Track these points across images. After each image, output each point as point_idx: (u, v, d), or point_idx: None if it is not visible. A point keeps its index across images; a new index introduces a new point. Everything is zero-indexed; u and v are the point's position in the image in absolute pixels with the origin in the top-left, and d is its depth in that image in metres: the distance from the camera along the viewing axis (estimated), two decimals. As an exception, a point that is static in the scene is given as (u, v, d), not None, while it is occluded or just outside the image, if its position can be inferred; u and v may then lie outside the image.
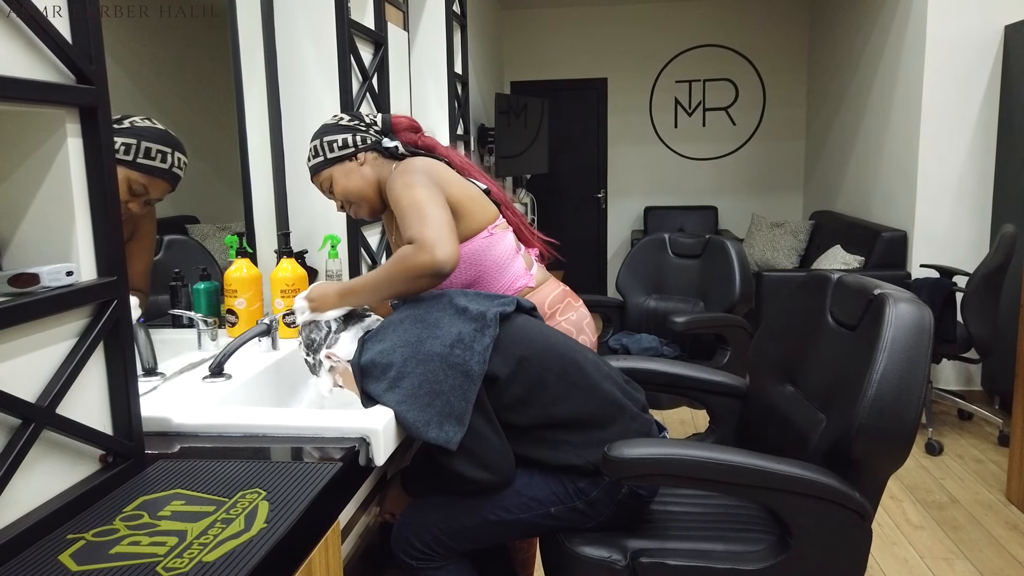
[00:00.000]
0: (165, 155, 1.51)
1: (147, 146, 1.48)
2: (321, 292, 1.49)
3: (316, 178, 1.71)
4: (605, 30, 6.35)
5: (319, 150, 1.68)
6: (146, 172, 1.49)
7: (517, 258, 1.73)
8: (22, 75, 0.89)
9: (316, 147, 1.68)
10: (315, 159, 1.68)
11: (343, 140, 1.67)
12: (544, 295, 1.75)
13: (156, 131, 1.52)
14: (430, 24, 3.39)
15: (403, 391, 1.28)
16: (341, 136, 1.67)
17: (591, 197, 6.62)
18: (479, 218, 1.66)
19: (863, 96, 4.84)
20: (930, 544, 2.57)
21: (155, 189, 1.52)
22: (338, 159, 1.67)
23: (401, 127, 1.74)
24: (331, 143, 1.66)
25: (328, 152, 1.67)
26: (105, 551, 0.87)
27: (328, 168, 1.67)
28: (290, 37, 2.09)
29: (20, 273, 0.90)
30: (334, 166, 1.67)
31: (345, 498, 1.14)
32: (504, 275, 1.70)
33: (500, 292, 1.68)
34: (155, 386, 1.45)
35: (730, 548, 1.41)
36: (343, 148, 1.66)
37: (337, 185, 1.67)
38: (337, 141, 1.66)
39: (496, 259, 1.69)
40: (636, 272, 3.56)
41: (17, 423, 0.89)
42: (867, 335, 1.38)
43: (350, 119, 1.70)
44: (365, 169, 1.68)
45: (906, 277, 3.92)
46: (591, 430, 1.39)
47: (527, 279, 1.73)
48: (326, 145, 1.67)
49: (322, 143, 1.67)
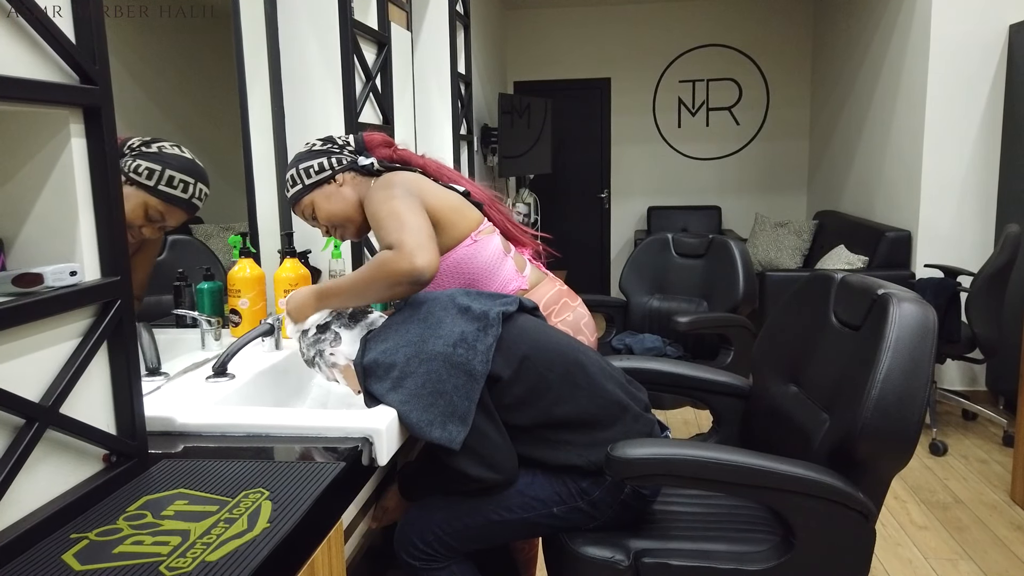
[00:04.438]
0: (187, 185, 1.49)
1: (171, 174, 1.46)
2: (297, 302, 1.47)
3: (297, 206, 1.68)
4: (608, 30, 6.34)
5: (296, 179, 1.66)
6: (166, 200, 1.47)
7: (506, 261, 1.70)
8: (26, 75, 0.89)
9: (293, 176, 1.67)
10: (293, 188, 1.67)
11: (319, 164, 1.65)
12: (539, 296, 1.73)
13: (183, 160, 1.49)
14: (433, 24, 3.39)
15: (406, 391, 1.28)
16: (316, 161, 1.65)
17: (594, 197, 6.62)
18: (461, 226, 1.65)
19: (867, 96, 4.83)
20: (934, 545, 2.57)
21: (172, 217, 1.50)
22: (316, 184, 1.65)
23: (375, 143, 1.72)
24: (307, 169, 1.65)
25: (305, 178, 1.65)
26: (108, 550, 0.87)
27: (308, 194, 1.66)
28: (293, 37, 2.09)
29: (24, 273, 0.90)
30: (313, 191, 1.65)
31: (348, 498, 1.14)
32: (494, 280, 1.68)
33: None
34: (158, 386, 1.45)
35: (733, 548, 1.41)
36: (319, 172, 1.65)
37: (320, 210, 1.65)
38: (313, 166, 1.65)
39: (483, 265, 1.66)
40: (639, 272, 3.55)
41: (21, 423, 0.89)
42: (871, 335, 1.38)
43: (322, 143, 1.69)
44: (345, 190, 1.65)
45: (910, 277, 3.91)
46: (594, 430, 1.39)
47: (519, 281, 1.71)
48: (302, 172, 1.65)
49: (298, 171, 1.66)
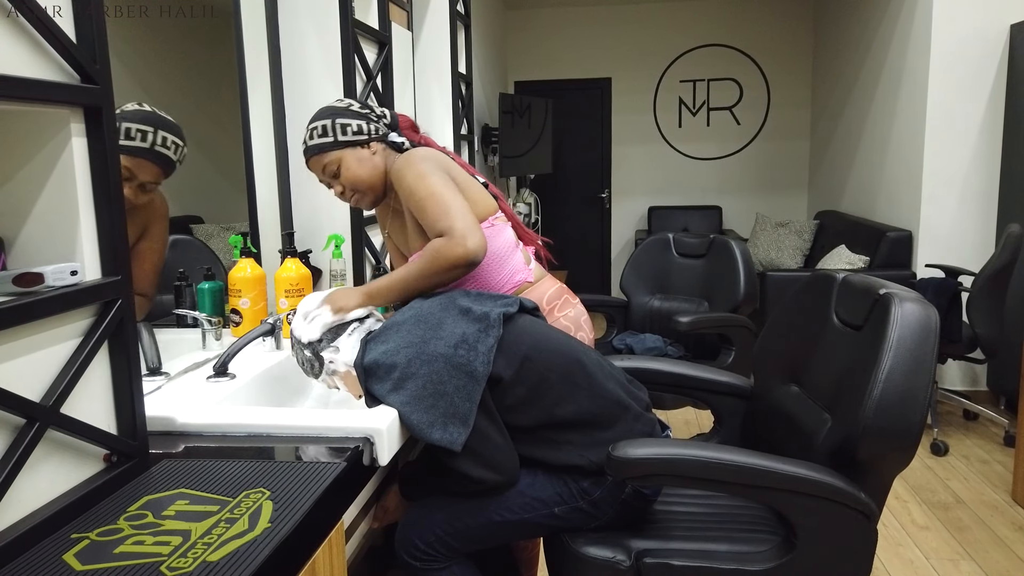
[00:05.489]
0: (145, 134, 1.46)
1: (127, 126, 1.44)
2: (342, 293, 1.47)
3: (319, 159, 1.64)
4: (609, 30, 6.34)
5: (329, 130, 1.62)
6: (127, 153, 1.44)
7: (516, 252, 1.73)
8: (27, 75, 0.89)
9: (325, 127, 1.62)
10: (321, 139, 1.62)
11: (358, 126, 1.63)
12: (542, 291, 1.75)
13: (140, 112, 1.47)
14: (434, 24, 3.39)
15: (407, 392, 1.28)
16: (356, 121, 1.63)
17: (595, 197, 6.61)
18: (481, 207, 1.66)
19: (868, 96, 4.82)
20: (936, 545, 2.56)
21: (143, 172, 1.47)
22: (350, 143, 1.63)
23: (404, 125, 1.75)
24: (344, 126, 1.62)
25: (340, 134, 1.62)
26: (109, 550, 0.87)
27: (338, 151, 1.62)
28: (294, 37, 2.09)
29: (24, 272, 0.90)
30: (345, 150, 1.63)
31: (349, 498, 1.14)
32: (504, 268, 1.69)
33: (499, 285, 1.68)
34: (159, 386, 1.45)
35: (735, 548, 1.40)
36: (357, 133, 1.63)
37: (348, 171, 1.63)
38: (351, 126, 1.63)
39: (496, 251, 1.68)
40: (640, 272, 3.55)
41: (22, 422, 0.89)
42: (872, 335, 1.38)
43: (361, 107, 1.67)
44: (376, 159, 1.65)
45: (911, 277, 3.91)
46: (595, 430, 1.39)
47: (526, 273, 1.73)
48: (338, 127, 1.62)
49: (334, 123, 1.62)
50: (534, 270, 1.76)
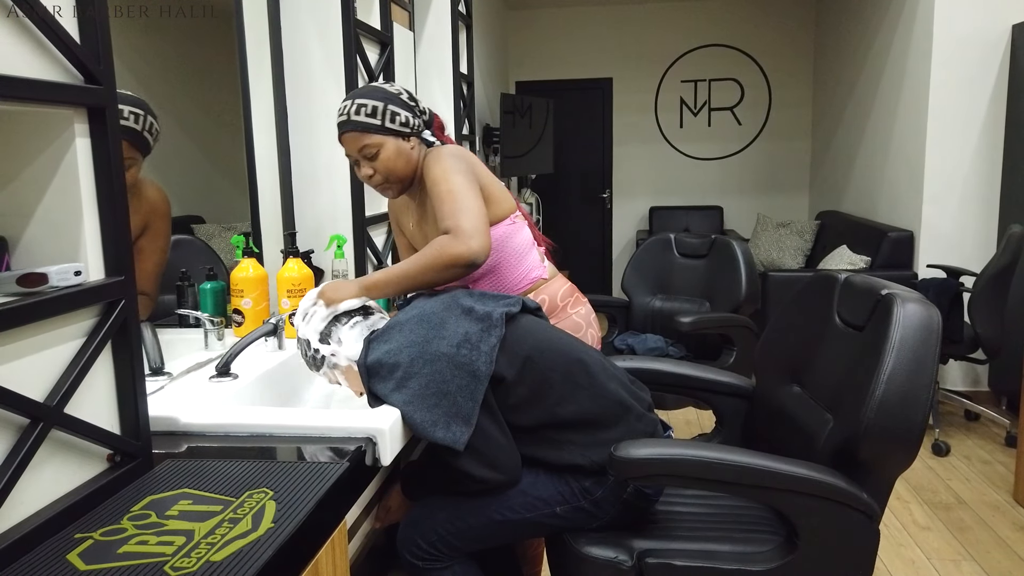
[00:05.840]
0: (138, 117, 1.45)
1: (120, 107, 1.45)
2: (336, 287, 1.47)
3: (361, 137, 1.61)
4: (610, 30, 6.34)
5: (380, 114, 1.61)
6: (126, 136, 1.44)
7: (533, 250, 1.79)
8: (31, 75, 0.89)
9: (377, 109, 1.61)
10: (370, 119, 1.60)
11: (406, 117, 1.64)
12: (555, 288, 1.80)
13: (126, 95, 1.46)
14: (436, 24, 3.39)
15: (410, 391, 1.28)
16: (405, 113, 1.64)
17: (596, 197, 6.61)
18: (504, 206, 1.72)
19: (869, 96, 4.82)
20: (937, 545, 2.56)
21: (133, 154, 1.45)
22: (395, 132, 1.63)
23: (436, 126, 1.79)
24: (395, 114, 1.62)
25: (389, 121, 1.62)
26: (113, 550, 0.87)
27: (382, 136, 1.62)
28: (296, 37, 2.10)
29: (28, 273, 0.90)
30: (389, 137, 1.63)
31: (352, 498, 1.14)
32: (521, 264, 1.75)
33: (517, 280, 1.74)
34: (162, 386, 1.45)
35: (737, 549, 1.41)
36: (403, 125, 1.64)
37: (387, 159, 1.63)
38: (401, 116, 1.63)
39: (516, 248, 1.74)
40: (642, 272, 3.55)
41: (25, 423, 0.89)
42: (874, 335, 1.38)
43: (409, 98, 1.68)
44: (413, 153, 1.67)
45: (913, 277, 3.91)
46: (596, 430, 1.39)
47: (541, 271, 1.79)
48: (389, 113, 1.62)
49: (386, 108, 1.61)
50: (548, 268, 1.83)
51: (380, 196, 2.41)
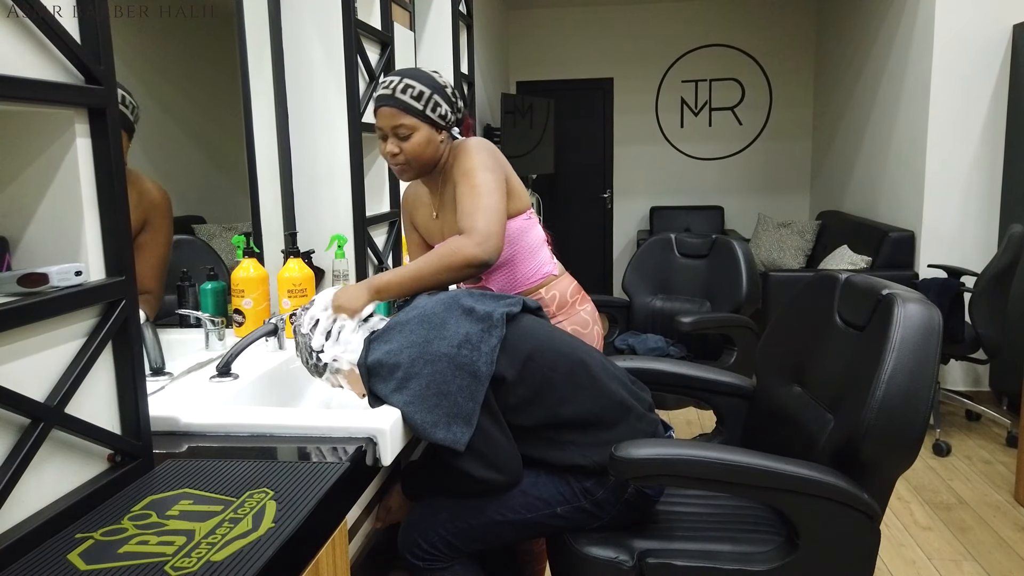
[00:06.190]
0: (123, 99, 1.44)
1: None
2: (348, 294, 1.45)
3: (399, 115, 1.63)
4: (611, 30, 6.34)
5: (424, 99, 1.63)
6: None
7: (544, 246, 1.84)
8: (31, 75, 0.89)
9: (423, 94, 1.63)
10: (414, 101, 1.63)
11: (446, 111, 1.68)
12: (565, 285, 1.85)
13: None
14: (436, 24, 3.39)
15: (411, 392, 1.28)
16: (446, 106, 1.68)
17: (597, 197, 6.61)
18: (523, 201, 1.77)
19: (870, 96, 4.82)
20: (938, 545, 2.56)
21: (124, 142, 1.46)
22: (431, 122, 1.66)
23: (465, 124, 1.82)
24: (437, 105, 1.65)
25: (430, 110, 1.64)
26: (113, 550, 0.87)
27: (419, 121, 1.64)
28: (297, 37, 2.09)
29: (29, 273, 0.90)
30: (425, 124, 1.65)
31: (352, 498, 1.14)
32: (535, 258, 1.80)
33: (531, 274, 1.80)
34: (163, 386, 1.45)
35: (737, 549, 1.40)
36: (442, 118, 1.67)
37: (417, 144, 1.65)
38: (442, 108, 1.66)
39: (531, 242, 1.79)
40: (642, 272, 3.55)
41: (26, 422, 0.89)
42: (875, 335, 1.38)
43: (452, 93, 1.71)
44: (442, 145, 1.71)
45: (913, 277, 3.90)
46: (597, 430, 1.39)
47: (552, 267, 1.84)
48: (432, 102, 1.64)
49: (431, 97, 1.64)
50: (557, 265, 1.88)
51: (380, 196, 2.41)
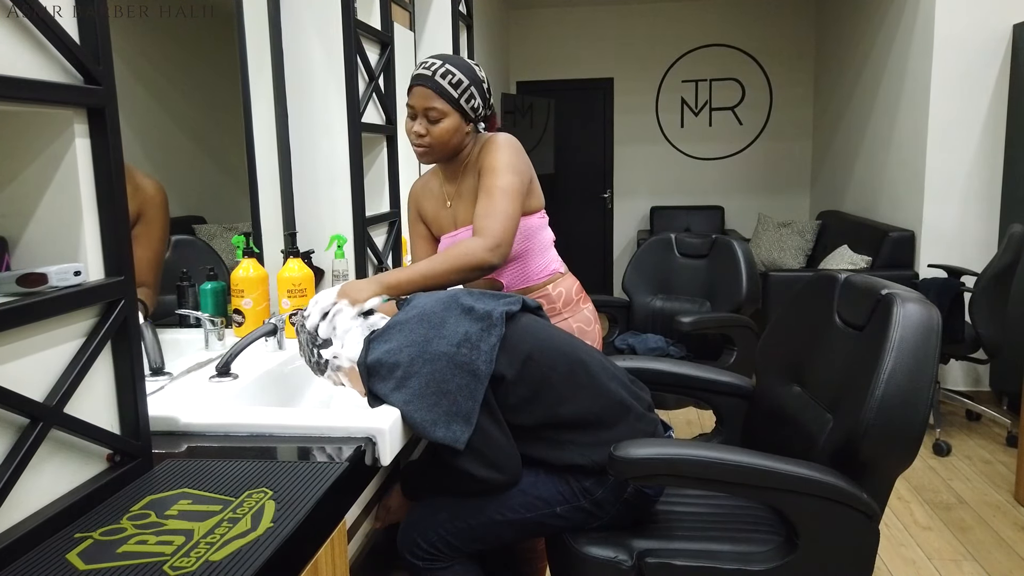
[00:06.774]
0: None
1: None
2: (355, 285, 1.48)
3: (433, 98, 1.66)
4: (611, 30, 6.34)
5: (461, 90, 1.67)
6: None
7: (552, 245, 1.90)
8: (30, 76, 0.89)
9: (461, 83, 1.67)
10: (452, 89, 1.66)
11: (478, 104, 1.71)
12: (570, 283, 1.90)
13: None
14: (436, 24, 3.39)
15: (410, 391, 1.28)
16: (479, 100, 1.71)
17: (597, 197, 6.61)
18: (540, 200, 1.82)
19: (870, 95, 4.82)
20: (938, 545, 2.56)
21: None
22: (463, 112, 1.69)
23: (491, 122, 1.86)
24: (471, 97, 1.69)
25: (463, 100, 1.68)
26: (112, 550, 0.87)
27: (452, 107, 1.67)
28: (297, 37, 2.09)
29: (28, 273, 0.90)
30: (457, 112, 1.69)
31: (351, 498, 1.14)
32: (544, 255, 1.85)
33: (540, 269, 1.84)
34: (162, 386, 1.45)
35: (737, 548, 1.40)
36: (473, 111, 1.71)
37: (444, 129, 1.68)
38: (475, 102, 1.70)
39: (542, 240, 1.85)
40: (642, 272, 3.55)
41: (25, 422, 0.89)
42: (875, 335, 1.37)
43: (488, 90, 1.75)
44: (467, 137, 1.75)
45: (914, 277, 3.90)
46: (597, 430, 1.39)
47: (559, 265, 1.90)
48: (468, 94, 1.68)
49: (468, 88, 1.68)
50: (562, 264, 1.93)
51: (380, 196, 2.41)
